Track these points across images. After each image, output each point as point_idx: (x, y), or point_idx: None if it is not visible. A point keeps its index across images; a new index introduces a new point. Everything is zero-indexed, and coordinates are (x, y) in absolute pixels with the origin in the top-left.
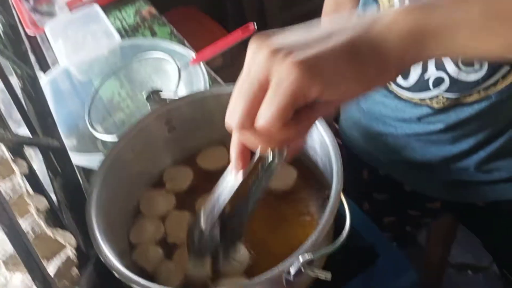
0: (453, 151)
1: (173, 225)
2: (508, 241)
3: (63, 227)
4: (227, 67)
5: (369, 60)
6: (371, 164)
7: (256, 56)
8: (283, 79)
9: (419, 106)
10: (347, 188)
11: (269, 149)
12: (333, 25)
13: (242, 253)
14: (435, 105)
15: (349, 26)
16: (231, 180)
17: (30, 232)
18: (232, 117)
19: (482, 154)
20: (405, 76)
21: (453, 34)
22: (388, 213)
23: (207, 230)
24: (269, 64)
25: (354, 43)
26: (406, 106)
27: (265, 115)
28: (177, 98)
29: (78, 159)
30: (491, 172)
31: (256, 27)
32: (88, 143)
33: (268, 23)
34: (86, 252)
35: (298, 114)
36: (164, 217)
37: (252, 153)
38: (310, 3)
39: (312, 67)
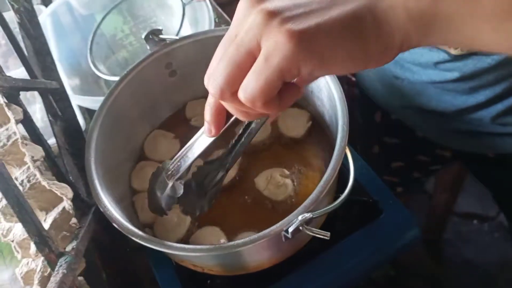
0: (468, 102)
1: None
2: None
3: (61, 176)
4: (236, 1)
5: (372, 37)
6: (384, 107)
7: (249, 16)
8: (275, 51)
9: (436, 50)
10: (358, 130)
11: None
12: None
13: (286, 182)
14: (453, 51)
15: None
16: (203, 137)
17: (26, 182)
18: (213, 81)
19: (499, 106)
20: None
21: (462, 25)
22: (397, 158)
23: (170, 183)
24: (262, 29)
25: (359, 17)
26: (424, 49)
27: (250, 89)
28: (177, 38)
29: (81, 100)
30: (506, 125)
31: None
32: (91, 83)
33: None
34: (88, 199)
35: (281, 90)
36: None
37: (229, 115)
38: None
39: (309, 41)
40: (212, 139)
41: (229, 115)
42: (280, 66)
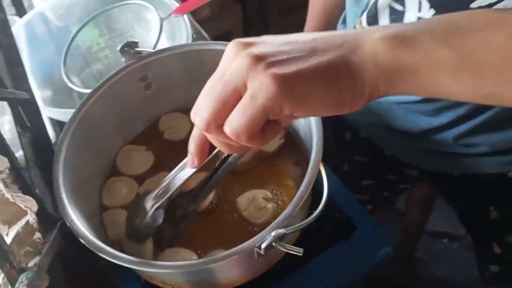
0: (432, 123)
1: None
2: (480, 213)
3: (27, 188)
4: (215, 19)
5: (345, 85)
6: (353, 125)
7: (236, 58)
8: (260, 91)
9: None
10: (329, 149)
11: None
12: (318, 39)
13: (267, 206)
14: None
15: (333, 45)
16: (186, 169)
17: None
18: (199, 115)
19: (462, 128)
20: None
21: (425, 76)
22: (367, 176)
23: (150, 211)
24: (249, 71)
25: (334, 67)
26: None
27: (235, 124)
28: (153, 51)
29: (52, 112)
30: (470, 146)
31: None
32: (64, 95)
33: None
34: (54, 214)
35: (263, 126)
36: (140, 177)
37: (211, 147)
38: None
39: (291, 85)
40: (193, 170)
41: (211, 148)
42: (265, 105)
